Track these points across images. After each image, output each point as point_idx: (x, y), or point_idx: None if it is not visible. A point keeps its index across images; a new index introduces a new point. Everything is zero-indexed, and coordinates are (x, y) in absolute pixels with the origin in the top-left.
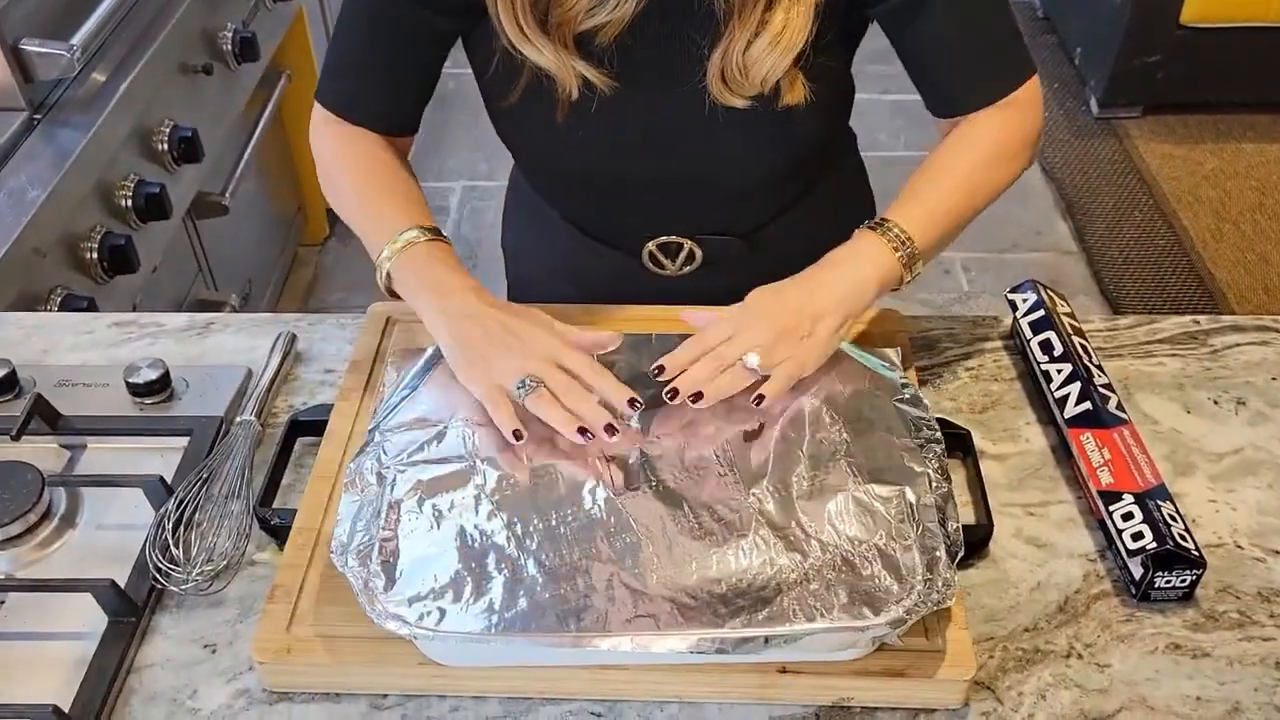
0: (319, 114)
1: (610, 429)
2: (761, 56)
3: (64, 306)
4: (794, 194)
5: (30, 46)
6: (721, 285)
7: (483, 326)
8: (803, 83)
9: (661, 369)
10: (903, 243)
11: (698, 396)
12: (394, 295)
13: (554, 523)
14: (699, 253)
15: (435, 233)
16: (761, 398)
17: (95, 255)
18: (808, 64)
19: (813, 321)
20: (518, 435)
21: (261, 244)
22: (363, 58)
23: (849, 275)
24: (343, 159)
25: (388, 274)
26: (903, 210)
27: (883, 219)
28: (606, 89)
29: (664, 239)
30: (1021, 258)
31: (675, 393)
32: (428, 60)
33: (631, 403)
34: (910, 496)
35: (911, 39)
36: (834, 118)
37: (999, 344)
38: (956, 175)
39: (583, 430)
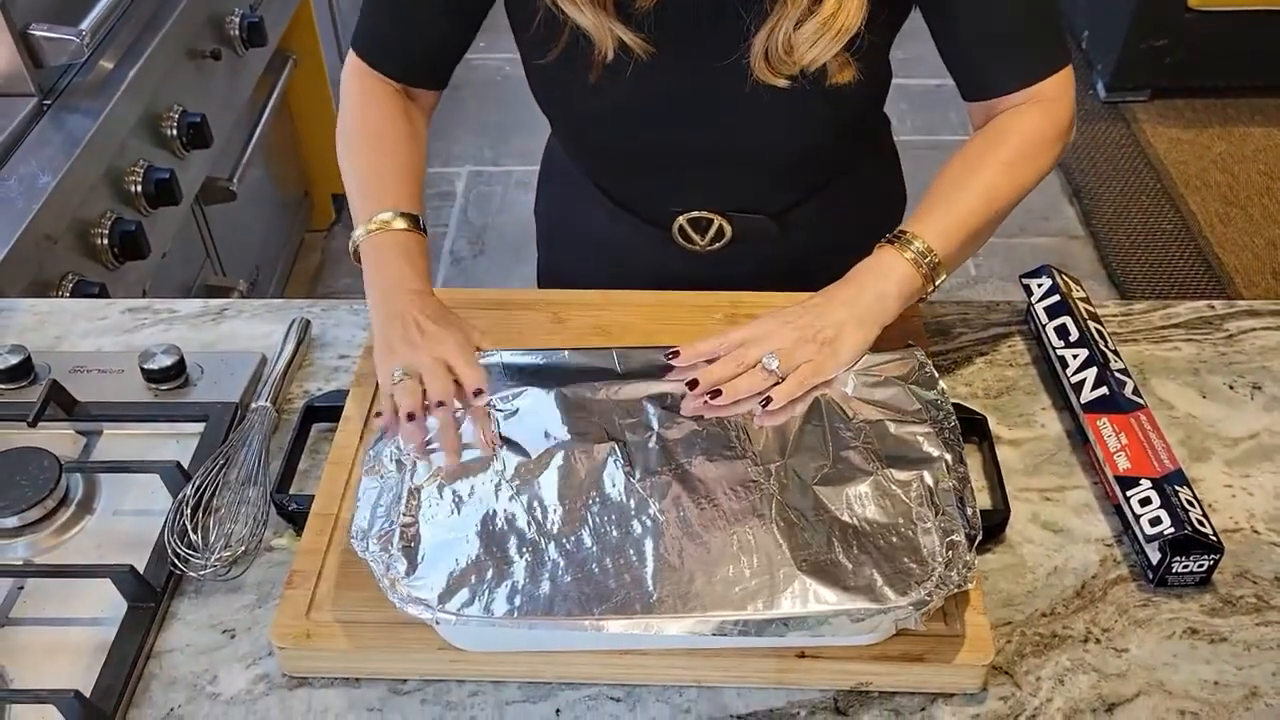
0: (351, 62)
1: (437, 406)
2: (810, 39)
3: (75, 293)
4: (826, 175)
5: (39, 31)
6: (749, 263)
7: (402, 326)
8: (853, 65)
9: (676, 353)
10: (923, 255)
11: (715, 394)
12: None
13: (575, 507)
14: (729, 229)
15: (412, 220)
16: (769, 400)
17: (106, 241)
18: (858, 46)
19: (835, 330)
20: (379, 415)
21: (269, 229)
22: (399, 8)
23: (871, 289)
24: (359, 118)
25: (355, 250)
26: (924, 221)
27: (902, 231)
28: (643, 54)
29: (694, 214)
30: (1029, 242)
31: (696, 382)
32: (463, 16)
33: (477, 392)
34: (929, 480)
35: (951, 18)
36: (872, 99)
37: (1013, 329)
38: (982, 181)
39: (410, 416)
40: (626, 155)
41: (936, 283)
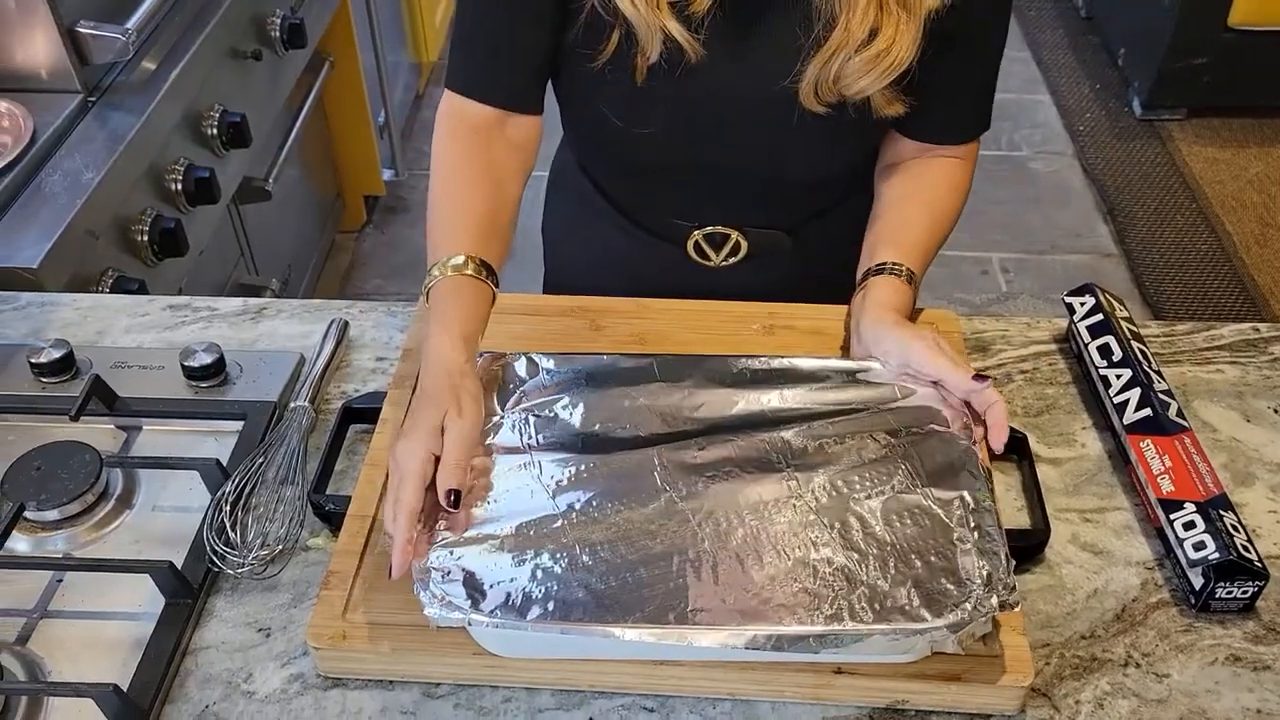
0: (444, 106)
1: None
2: (860, 72)
3: (115, 289)
4: (846, 192)
5: (86, 29)
6: (761, 278)
7: (421, 398)
8: (902, 100)
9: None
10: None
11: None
12: None
13: (611, 515)
14: (744, 245)
15: (482, 264)
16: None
17: (146, 238)
18: (908, 82)
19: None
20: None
21: (301, 230)
22: (482, 34)
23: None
24: (447, 158)
25: (426, 291)
26: (894, 250)
27: (883, 263)
28: (692, 54)
29: (710, 229)
30: (1061, 259)
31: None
32: (543, 27)
33: (449, 494)
34: (969, 499)
35: (941, 63)
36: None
37: (1053, 347)
38: (943, 227)
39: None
40: (651, 167)
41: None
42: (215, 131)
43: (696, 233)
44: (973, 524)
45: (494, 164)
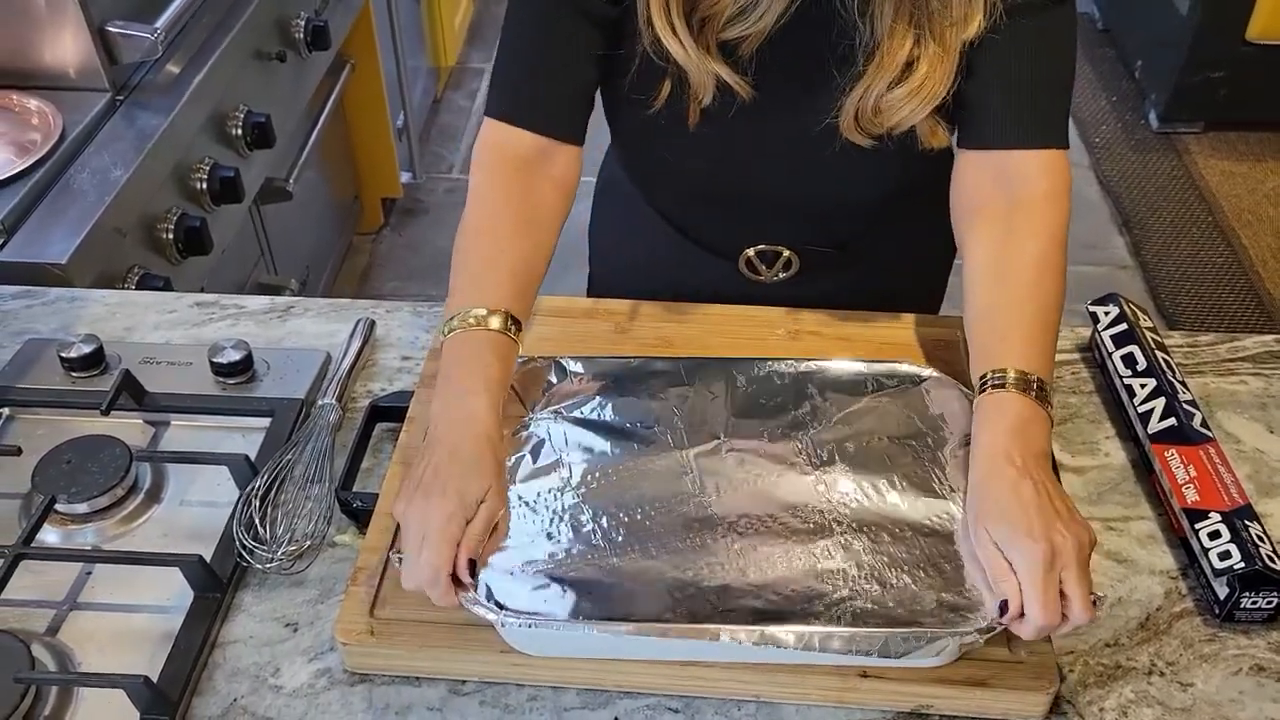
0: (485, 134)
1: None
2: (900, 103)
3: (140, 286)
4: (899, 210)
5: (116, 28)
6: (811, 292)
7: (429, 465)
8: (943, 128)
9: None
10: (1028, 383)
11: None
12: None
13: (640, 518)
14: (796, 261)
15: (506, 317)
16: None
17: (171, 236)
18: (946, 111)
19: (1050, 499)
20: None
21: (320, 230)
22: (525, 62)
23: (1035, 445)
24: (488, 197)
25: (439, 343)
26: (1008, 351)
27: (1017, 371)
28: (744, 95)
29: (762, 246)
30: (1077, 271)
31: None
32: (587, 57)
33: (469, 565)
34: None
35: (987, 62)
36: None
37: (1076, 356)
38: (1047, 294)
39: None
40: (707, 195)
41: (1052, 402)
42: (240, 132)
43: (749, 249)
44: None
45: (537, 208)
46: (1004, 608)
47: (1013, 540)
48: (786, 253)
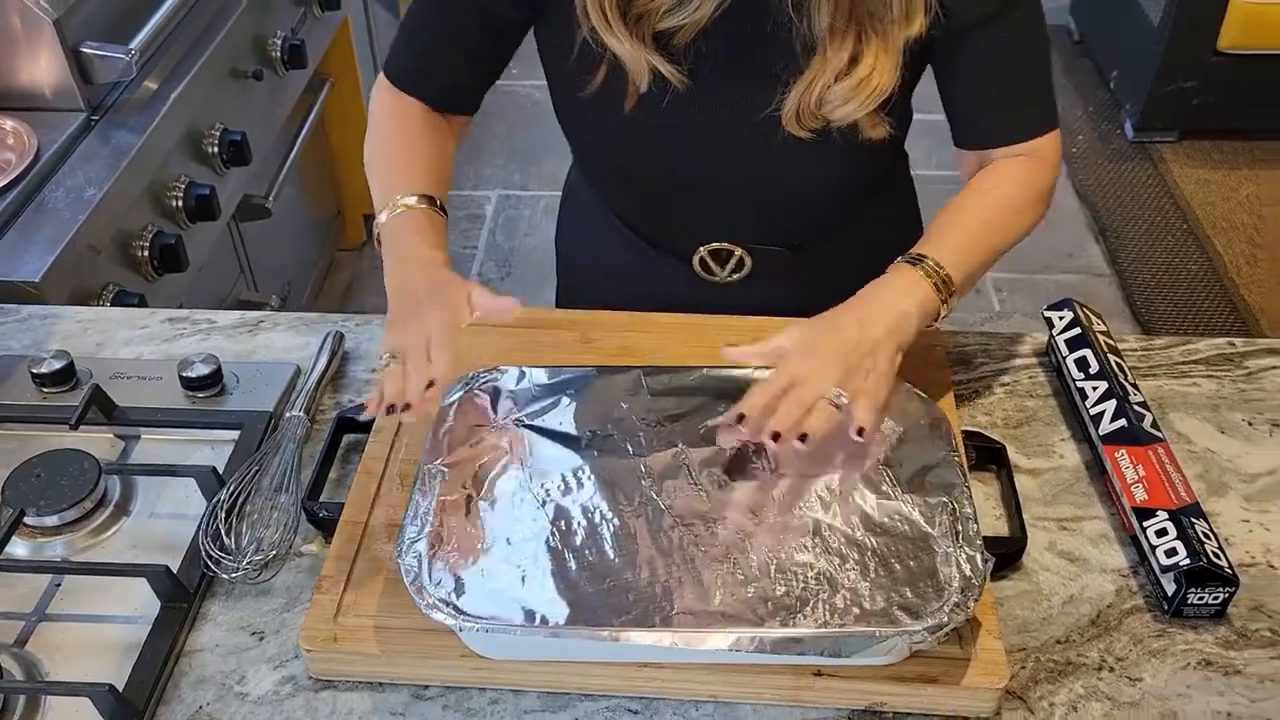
0: (381, 83)
1: (404, 407)
2: (842, 98)
3: (115, 303)
4: (847, 211)
5: (90, 49)
6: (768, 295)
7: (407, 300)
8: (886, 122)
9: (743, 417)
10: (940, 276)
11: (776, 436)
12: None
13: (598, 522)
14: (749, 261)
15: (431, 201)
16: (862, 429)
17: (146, 254)
18: (891, 106)
19: (871, 355)
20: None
21: (301, 247)
22: (426, 39)
23: (893, 308)
24: (385, 123)
25: (378, 237)
26: (934, 245)
27: (918, 254)
28: (679, 85)
29: (715, 245)
30: (1053, 279)
31: (777, 435)
32: (489, 48)
33: (429, 384)
34: (947, 504)
35: (957, 65)
36: (897, 144)
37: (1034, 360)
38: (978, 218)
39: (390, 408)
40: (652, 188)
41: (949, 306)
42: (216, 150)
43: (702, 249)
44: (951, 529)
45: (434, 123)
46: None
47: (790, 355)
48: (739, 252)
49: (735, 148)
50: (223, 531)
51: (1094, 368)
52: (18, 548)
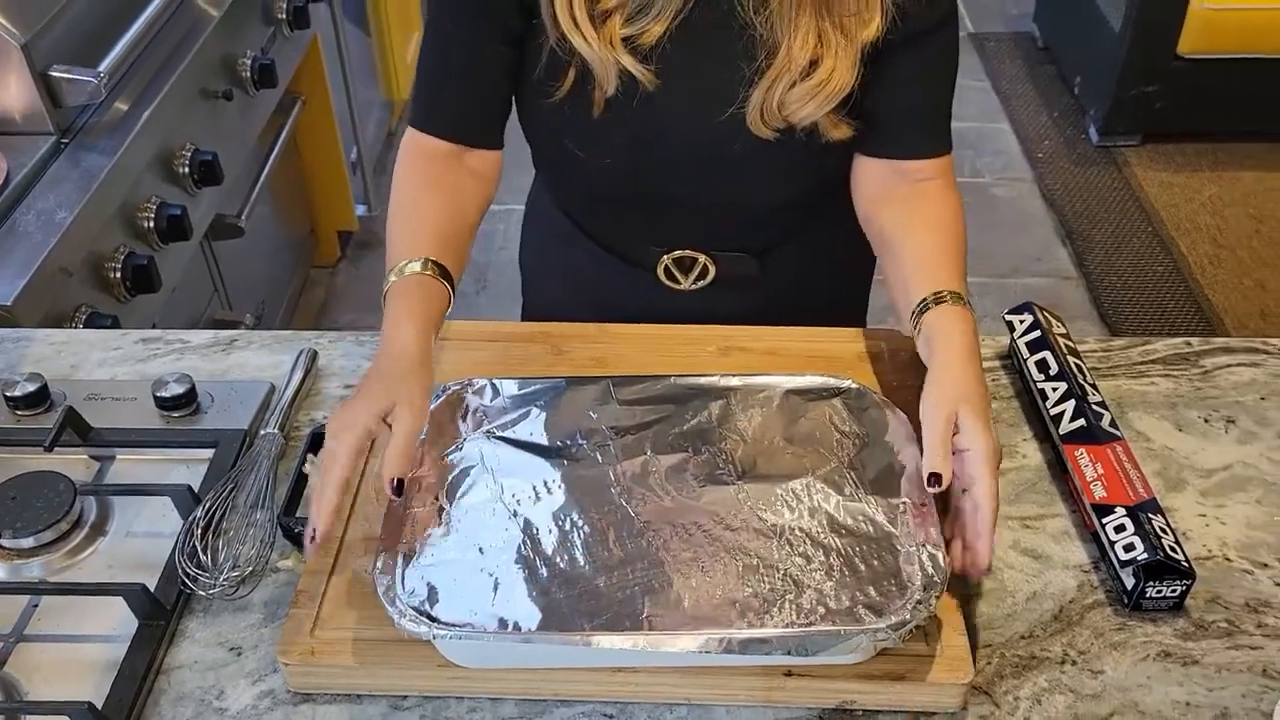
0: (405, 140)
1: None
2: (802, 99)
3: (88, 324)
4: (810, 216)
5: (59, 73)
6: (732, 303)
7: (374, 377)
8: (848, 123)
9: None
10: (966, 303)
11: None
12: None
13: (569, 530)
14: (712, 269)
15: (438, 266)
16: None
17: (119, 275)
18: (852, 106)
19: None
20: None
21: (275, 265)
22: (441, 73)
23: (976, 353)
24: (398, 183)
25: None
26: (947, 279)
27: (954, 291)
28: (647, 85)
29: (679, 253)
30: (1021, 283)
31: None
32: (501, 65)
33: (394, 482)
34: (911, 505)
35: (898, 73)
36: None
37: (996, 363)
38: (956, 249)
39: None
40: (616, 196)
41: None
42: (187, 170)
43: (666, 257)
44: (914, 529)
45: (456, 187)
46: (933, 480)
47: (975, 426)
48: (702, 259)
49: (700, 150)
50: (199, 549)
51: (1054, 369)
52: None
